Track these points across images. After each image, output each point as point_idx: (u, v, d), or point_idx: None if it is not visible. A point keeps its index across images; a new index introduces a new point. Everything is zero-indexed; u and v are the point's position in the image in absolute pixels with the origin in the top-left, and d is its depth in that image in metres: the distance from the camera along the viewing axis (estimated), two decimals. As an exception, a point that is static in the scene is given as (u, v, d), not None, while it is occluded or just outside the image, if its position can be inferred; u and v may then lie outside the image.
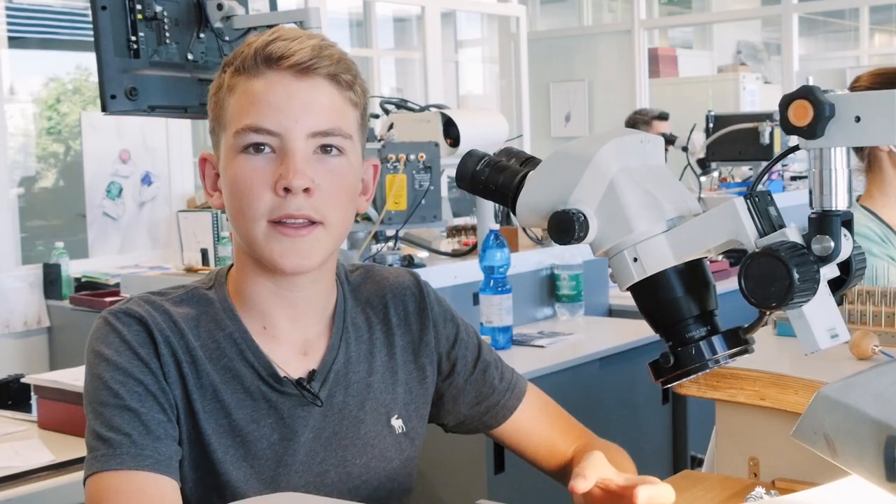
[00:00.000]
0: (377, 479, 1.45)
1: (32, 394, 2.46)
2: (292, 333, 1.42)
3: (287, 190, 1.30)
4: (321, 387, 1.41)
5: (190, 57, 3.01)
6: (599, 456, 1.35)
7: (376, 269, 1.56)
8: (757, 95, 8.48)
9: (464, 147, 3.34)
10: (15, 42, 5.57)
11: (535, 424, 1.59)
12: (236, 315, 1.40)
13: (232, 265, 1.46)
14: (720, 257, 4.38)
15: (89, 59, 2.89)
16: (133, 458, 1.27)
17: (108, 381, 1.31)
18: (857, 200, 2.59)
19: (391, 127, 3.39)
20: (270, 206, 1.32)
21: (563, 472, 1.57)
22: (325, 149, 1.35)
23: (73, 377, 2.32)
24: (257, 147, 1.32)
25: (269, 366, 1.38)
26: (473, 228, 3.70)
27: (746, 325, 1.20)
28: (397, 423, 1.48)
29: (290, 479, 1.38)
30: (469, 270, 3.28)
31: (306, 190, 1.32)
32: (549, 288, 3.67)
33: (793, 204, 5.06)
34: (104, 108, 2.84)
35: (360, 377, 1.45)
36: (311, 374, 1.41)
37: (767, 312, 1.14)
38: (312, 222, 1.33)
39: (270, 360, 1.38)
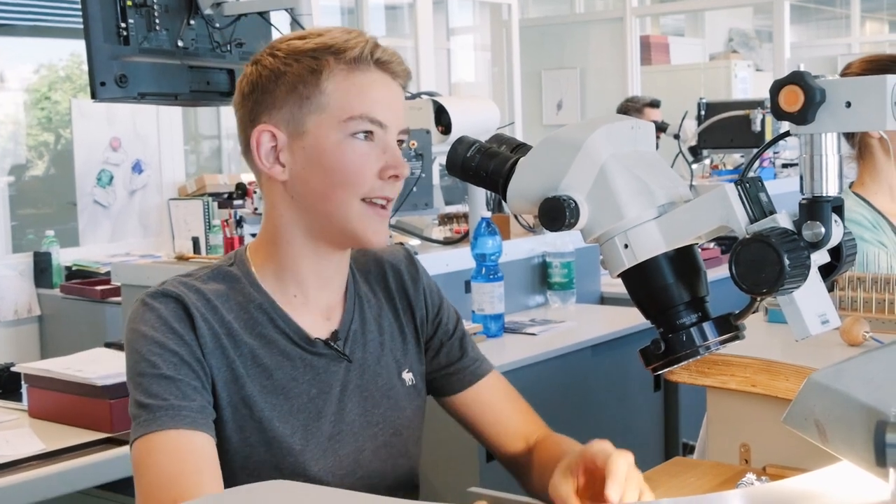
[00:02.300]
0: (392, 426, 1.61)
1: (23, 382, 2.45)
2: (319, 299, 1.57)
3: (395, 177, 1.49)
4: (344, 344, 1.57)
5: (180, 44, 3.00)
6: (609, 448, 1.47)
7: None
8: (748, 83, 8.47)
9: (455, 134, 3.33)
10: (4, 30, 5.54)
11: (496, 400, 1.72)
12: (262, 287, 1.54)
13: (243, 248, 1.59)
14: (711, 244, 4.38)
15: (81, 47, 2.88)
16: (171, 418, 1.39)
17: (145, 354, 1.43)
18: (850, 187, 2.59)
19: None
20: (371, 187, 1.49)
21: (515, 462, 1.70)
22: (399, 142, 1.54)
23: (64, 366, 2.31)
24: (367, 134, 1.48)
25: (299, 330, 1.53)
26: (465, 216, 3.69)
27: (737, 312, 1.20)
28: (407, 376, 1.64)
29: (326, 429, 1.53)
30: (461, 258, 3.28)
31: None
32: (541, 275, 3.67)
33: (784, 191, 5.06)
34: (94, 96, 2.83)
35: (373, 336, 1.61)
36: (335, 334, 1.57)
37: (758, 299, 1.14)
38: (387, 204, 1.52)
39: (298, 324, 1.53)
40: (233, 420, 1.48)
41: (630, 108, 6.39)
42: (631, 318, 3.28)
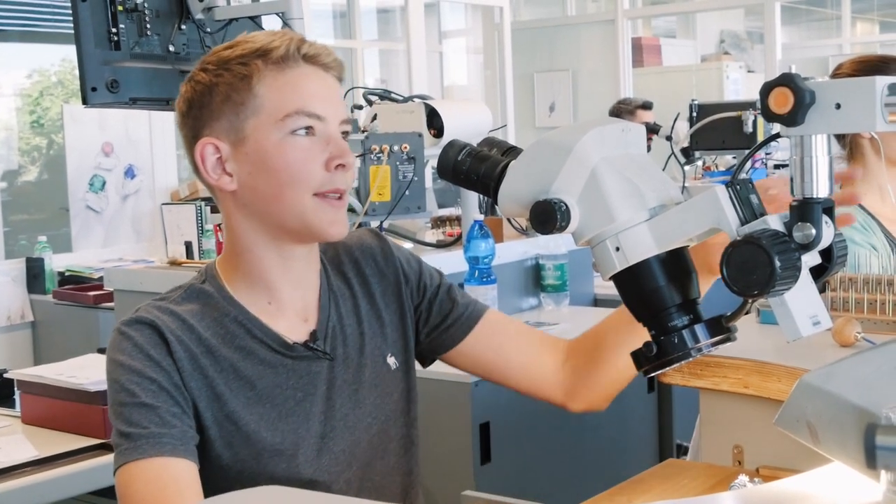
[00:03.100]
0: (384, 413, 1.62)
1: (16, 389, 2.45)
2: (294, 302, 1.57)
3: (342, 167, 1.49)
4: (325, 343, 1.57)
5: (171, 49, 3.00)
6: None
7: None
8: (740, 84, 8.48)
9: (447, 138, 3.32)
10: (-4, 35, 5.54)
11: (503, 333, 1.72)
12: (235, 300, 1.54)
13: (213, 262, 1.59)
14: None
15: (73, 53, 2.88)
16: (152, 446, 1.39)
17: (124, 383, 1.44)
18: (840, 188, 2.59)
19: (374, 118, 3.38)
20: (321, 180, 1.49)
21: (562, 376, 1.71)
22: (344, 133, 1.53)
23: (57, 372, 2.31)
24: (308, 129, 1.48)
25: (276, 336, 1.53)
26: (458, 219, 3.69)
27: (729, 314, 1.20)
28: (391, 360, 1.65)
29: (316, 429, 1.54)
30: (454, 261, 3.27)
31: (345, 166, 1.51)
32: (534, 278, 3.67)
33: (776, 192, 5.06)
34: (85, 101, 2.83)
35: (352, 329, 1.61)
36: (313, 334, 1.57)
37: (750, 300, 1.14)
38: (342, 195, 1.51)
39: (276, 331, 1.53)
40: (220, 437, 1.48)
41: (622, 110, 6.39)
42: (624, 320, 3.28)
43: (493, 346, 1.71)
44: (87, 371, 2.29)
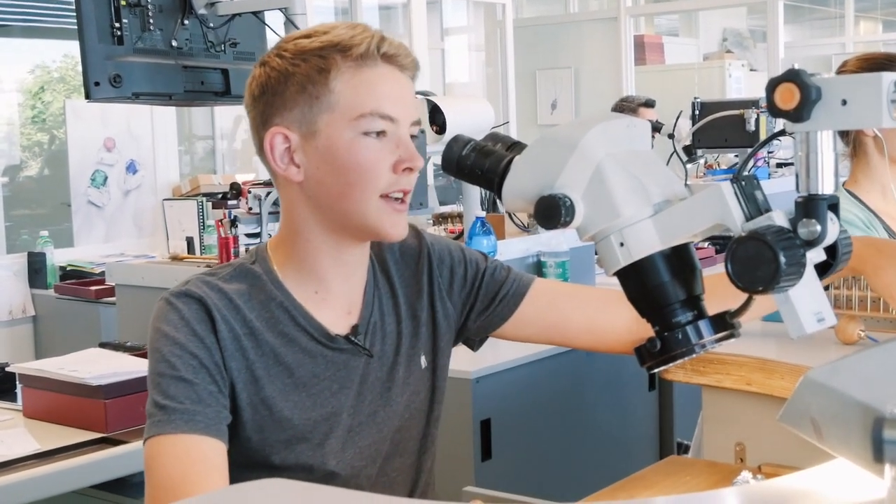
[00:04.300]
0: (409, 411, 1.63)
1: (18, 383, 2.45)
2: (341, 295, 1.58)
3: (410, 170, 1.50)
4: (365, 338, 1.58)
5: (174, 43, 3.00)
6: None
7: None
8: (743, 83, 8.48)
9: (450, 134, 3.32)
10: (-2, 30, 5.53)
11: (554, 296, 1.74)
12: (283, 285, 1.54)
13: (264, 244, 1.60)
14: (706, 244, 4.38)
15: (75, 48, 2.88)
16: (185, 422, 1.40)
17: (165, 354, 1.45)
18: (843, 185, 2.59)
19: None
20: (388, 182, 1.49)
21: (618, 340, 1.69)
22: (413, 136, 1.54)
23: (59, 366, 2.31)
24: (379, 132, 1.48)
25: (319, 326, 1.54)
26: (460, 216, 3.69)
27: (733, 310, 1.20)
28: (422, 359, 1.66)
29: (345, 422, 1.55)
30: (455, 258, 3.27)
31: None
32: (536, 275, 3.66)
33: (779, 191, 5.06)
34: (88, 96, 2.83)
35: (391, 327, 1.63)
36: (355, 328, 1.58)
37: (754, 297, 1.14)
38: (405, 197, 1.53)
39: (319, 321, 1.54)
40: (252, 420, 1.49)
41: (625, 108, 6.38)
42: (626, 318, 3.28)
43: (547, 309, 1.72)
44: (88, 365, 2.29)
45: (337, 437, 1.54)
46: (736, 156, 5.60)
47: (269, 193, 3.41)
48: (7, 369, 2.47)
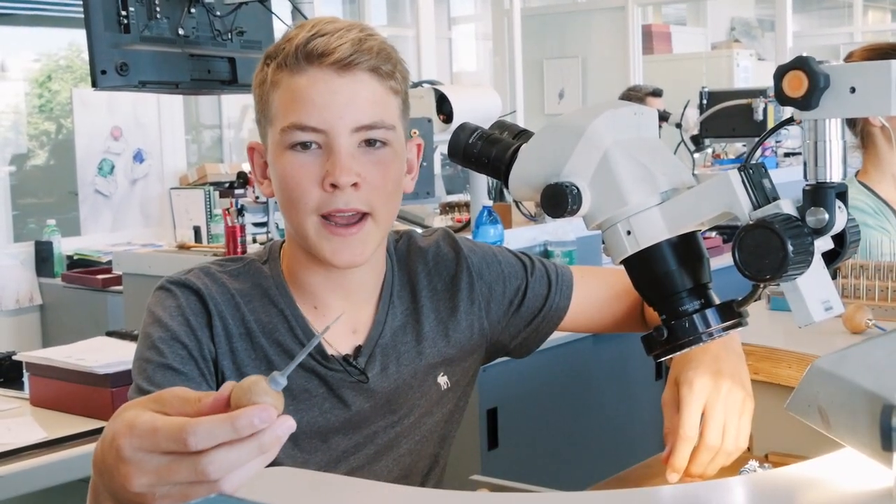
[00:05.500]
0: (419, 434, 1.54)
1: (24, 371, 2.45)
2: (342, 311, 1.47)
3: (334, 186, 1.35)
4: (368, 361, 1.47)
5: (181, 32, 2.99)
6: None
7: (415, 237, 1.62)
8: (750, 72, 8.45)
9: (457, 123, 3.32)
10: (5, 19, 5.53)
11: (596, 302, 1.68)
12: (289, 293, 1.46)
13: (280, 242, 1.52)
14: (713, 233, 4.38)
15: (82, 36, 2.88)
16: None
17: (155, 340, 1.38)
18: (855, 176, 2.60)
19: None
20: (319, 201, 1.36)
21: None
22: (370, 142, 1.39)
23: (65, 354, 2.31)
24: (304, 144, 1.36)
25: (317, 343, 1.43)
26: (467, 205, 3.69)
27: (740, 299, 1.19)
28: (442, 379, 1.55)
29: (340, 442, 1.46)
30: (462, 247, 3.27)
31: (354, 184, 1.36)
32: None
33: (786, 180, 5.05)
34: (94, 84, 2.83)
35: (409, 346, 1.52)
36: (357, 350, 1.48)
37: (761, 285, 1.13)
38: (362, 214, 1.38)
39: None
40: None
41: (632, 97, 6.38)
42: (633, 307, 3.28)
43: (590, 317, 1.68)
44: (95, 354, 2.29)
45: (325, 453, 1.46)
46: (744, 145, 5.59)
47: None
48: (14, 358, 2.47)
